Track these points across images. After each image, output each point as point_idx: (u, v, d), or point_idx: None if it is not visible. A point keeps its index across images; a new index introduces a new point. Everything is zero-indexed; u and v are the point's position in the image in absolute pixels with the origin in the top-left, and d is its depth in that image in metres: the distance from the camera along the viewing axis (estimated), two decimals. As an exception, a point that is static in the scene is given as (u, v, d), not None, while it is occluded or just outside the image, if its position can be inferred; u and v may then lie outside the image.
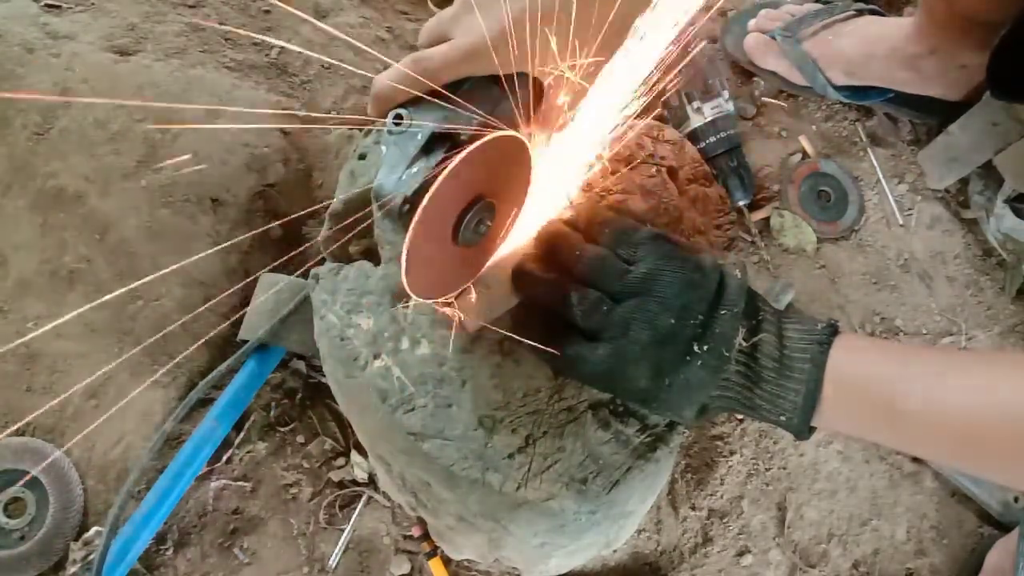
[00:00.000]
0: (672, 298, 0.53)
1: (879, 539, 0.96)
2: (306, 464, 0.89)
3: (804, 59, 1.06)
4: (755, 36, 1.10)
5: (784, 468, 0.97)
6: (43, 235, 0.88)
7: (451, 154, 0.47)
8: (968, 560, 0.96)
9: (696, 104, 1.05)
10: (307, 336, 0.69)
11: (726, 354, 0.52)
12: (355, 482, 0.89)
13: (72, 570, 0.80)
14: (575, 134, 0.57)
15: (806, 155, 1.11)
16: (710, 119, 1.05)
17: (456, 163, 0.46)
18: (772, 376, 0.52)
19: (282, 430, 0.90)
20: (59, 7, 0.98)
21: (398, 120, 0.49)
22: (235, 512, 0.87)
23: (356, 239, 0.67)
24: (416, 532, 0.87)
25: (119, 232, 0.88)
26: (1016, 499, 0.96)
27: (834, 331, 0.53)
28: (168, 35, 0.99)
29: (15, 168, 0.89)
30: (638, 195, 0.68)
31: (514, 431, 0.59)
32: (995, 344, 1.05)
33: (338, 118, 1.01)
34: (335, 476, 0.89)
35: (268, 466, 0.89)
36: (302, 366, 0.91)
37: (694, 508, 0.94)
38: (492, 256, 0.59)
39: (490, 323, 0.61)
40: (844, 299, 1.06)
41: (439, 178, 0.46)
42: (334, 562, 0.86)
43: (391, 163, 0.49)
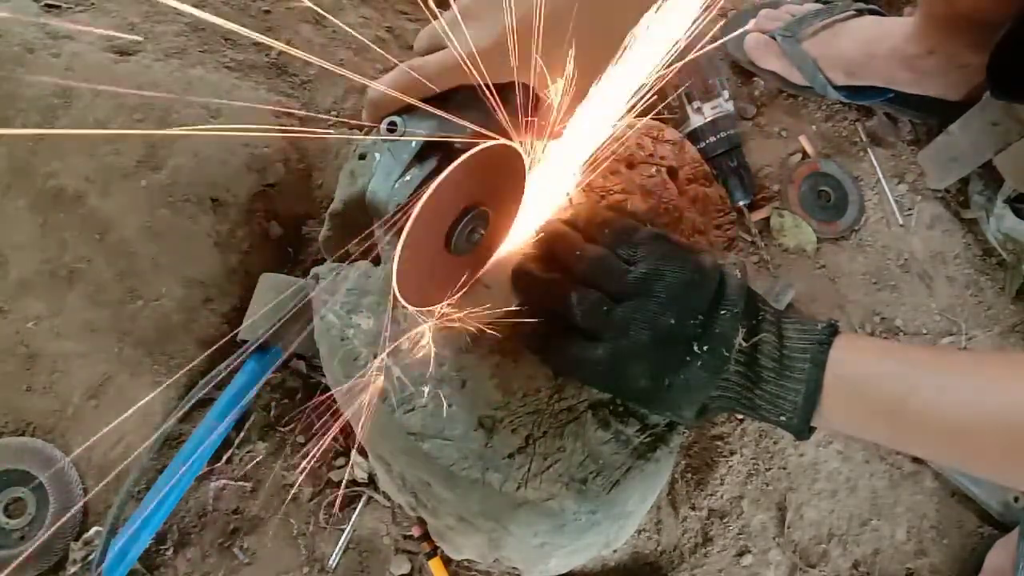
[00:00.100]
0: (672, 298, 0.53)
1: (879, 539, 0.96)
2: (306, 464, 0.89)
3: (804, 59, 1.06)
4: (755, 36, 1.10)
5: (784, 468, 0.97)
6: (43, 235, 0.88)
7: (445, 162, 0.47)
8: (968, 560, 0.96)
9: (696, 104, 1.05)
10: (307, 336, 0.69)
11: (726, 354, 0.52)
12: (355, 482, 0.89)
13: (72, 570, 0.80)
14: (569, 143, 0.56)
15: (806, 155, 1.11)
16: (710, 119, 1.05)
17: (449, 171, 0.46)
18: (772, 376, 0.53)
19: (282, 430, 0.90)
20: (59, 7, 0.98)
21: (392, 127, 0.49)
22: (235, 512, 0.87)
23: (356, 239, 0.67)
24: (416, 532, 0.87)
25: (119, 232, 0.88)
26: (1016, 499, 0.96)
27: (834, 331, 0.53)
28: (168, 35, 0.99)
29: (15, 168, 0.89)
30: (638, 195, 0.68)
31: (514, 431, 0.59)
32: (995, 344, 1.05)
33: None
34: (335, 476, 0.89)
35: (268, 466, 0.89)
36: (302, 366, 0.91)
37: (694, 508, 0.94)
38: (485, 265, 0.59)
39: (490, 323, 0.61)
40: (844, 299, 1.06)
41: (432, 186, 0.46)
42: (334, 562, 0.86)
43: (385, 170, 0.48)
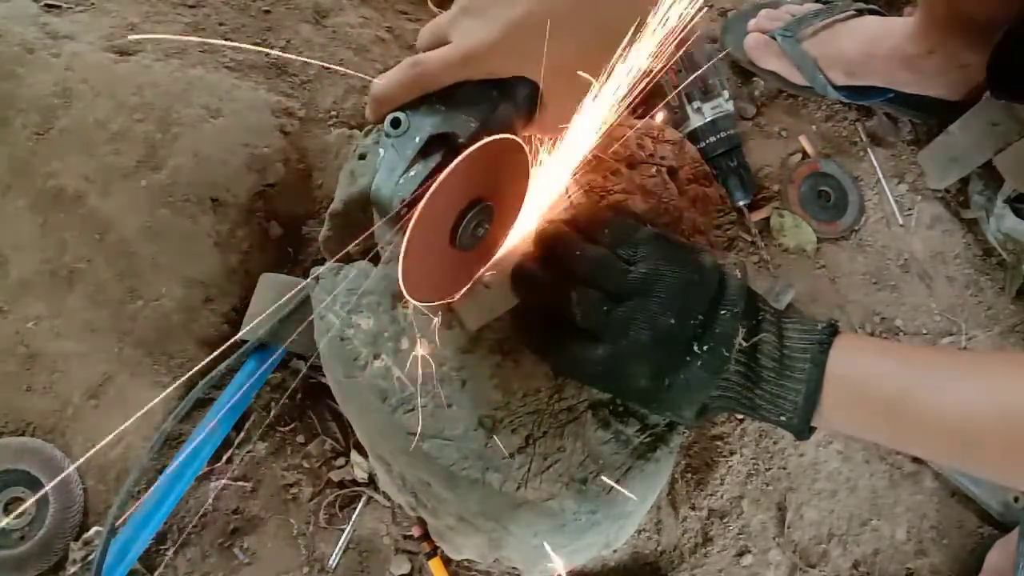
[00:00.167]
0: (672, 298, 0.53)
1: (879, 539, 0.96)
2: (306, 464, 0.89)
3: (804, 59, 1.06)
4: (755, 36, 1.10)
5: (784, 468, 0.97)
6: (43, 235, 0.88)
7: (449, 157, 0.47)
8: (968, 560, 0.96)
9: (696, 104, 1.05)
10: (307, 336, 0.69)
11: (726, 354, 0.52)
12: (355, 482, 0.89)
13: (72, 570, 0.80)
14: (573, 137, 0.57)
15: (806, 155, 1.11)
16: (710, 119, 1.04)
17: (454, 166, 0.46)
18: (772, 376, 0.53)
19: (282, 430, 0.90)
20: (59, 7, 0.98)
21: (396, 123, 0.49)
22: (235, 512, 0.87)
23: (356, 239, 0.67)
24: (416, 532, 0.87)
25: (119, 232, 0.88)
26: (1016, 499, 0.96)
27: (834, 331, 0.53)
28: (168, 35, 0.99)
29: (15, 168, 0.89)
30: (638, 195, 0.68)
31: (514, 431, 0.59)
32: (995, 344, 1.05)
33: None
34: (335, 476, 0.89)
35: (268, 466, 0.89)
36: (302, 366, 0.91)
37: (694, 508, 0.94)
38: (489, 260, 0.59)
39: (490, 323, 0.61)
40: (844, 299, 1.06)
41: (437, 181, 0.46)
42: (334, 562, 0.86)
43: (389, 166, 0.48)
